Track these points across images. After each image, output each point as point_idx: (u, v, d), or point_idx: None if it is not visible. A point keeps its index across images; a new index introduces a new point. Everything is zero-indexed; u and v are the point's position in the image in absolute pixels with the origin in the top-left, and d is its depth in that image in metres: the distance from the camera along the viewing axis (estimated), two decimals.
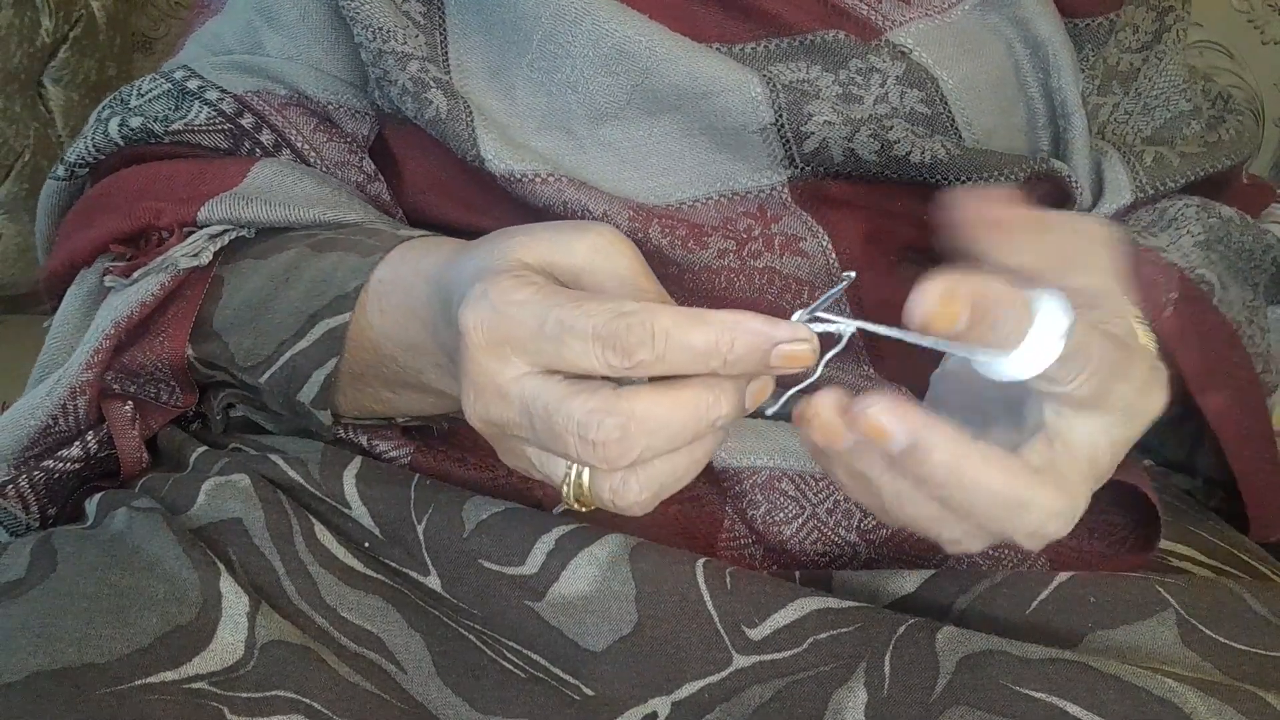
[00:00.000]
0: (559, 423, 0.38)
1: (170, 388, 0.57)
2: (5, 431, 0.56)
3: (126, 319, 0.54)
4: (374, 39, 0.55)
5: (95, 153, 0.60)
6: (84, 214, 0.60)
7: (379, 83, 0.57)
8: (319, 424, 0.54)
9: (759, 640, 0.46)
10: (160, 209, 0.56)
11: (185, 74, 0.60)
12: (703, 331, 0.37)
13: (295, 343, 0.52)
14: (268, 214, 0.55)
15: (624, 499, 0.39)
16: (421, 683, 0.46)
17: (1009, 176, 0.55)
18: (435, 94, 0.55)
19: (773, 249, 0.56)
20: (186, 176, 0.57)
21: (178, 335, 0.55)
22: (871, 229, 0.57)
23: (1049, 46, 0.58)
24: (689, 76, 0.54)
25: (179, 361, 0.55)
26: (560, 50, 0.55)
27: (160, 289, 0.55)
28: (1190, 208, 0.61)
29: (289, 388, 0.53)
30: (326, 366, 0.51)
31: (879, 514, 0.41)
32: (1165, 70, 0.66)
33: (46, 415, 0.55)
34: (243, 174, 0.56)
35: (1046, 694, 0.42)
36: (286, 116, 0.59)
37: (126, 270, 0.56)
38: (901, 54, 0.56)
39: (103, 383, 0.56)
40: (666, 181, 0.56)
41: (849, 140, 0.54)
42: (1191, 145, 0.65)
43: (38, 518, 0.57)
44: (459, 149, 0.55)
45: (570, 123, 0.56)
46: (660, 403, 0.37)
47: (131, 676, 0.42)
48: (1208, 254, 0.58)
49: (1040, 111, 0.60)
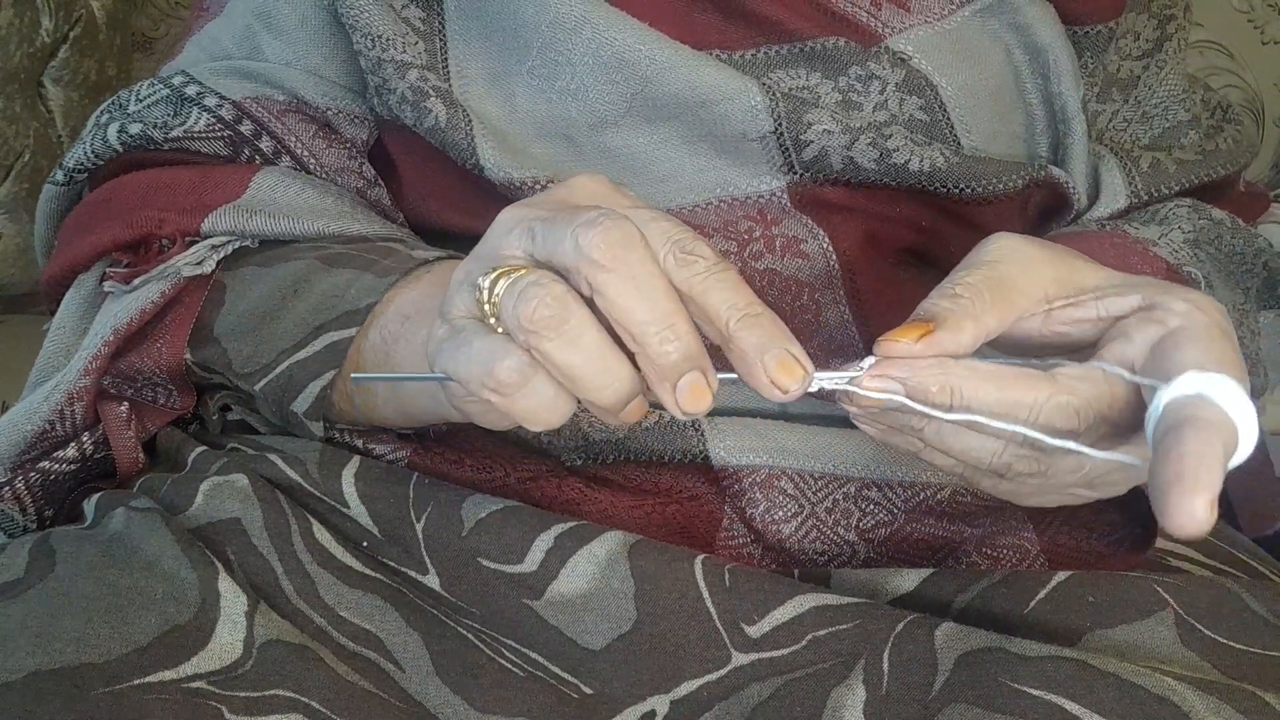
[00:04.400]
0: (588, 210, 0.39)
1: (168, 391, 0.57)
2: (2, 435, 0.56)
3: (126, 326, 0.54)
4: (373, 47, 0.55)
5: (94, 159, 0.60)
6: (84, 220, 0.60)
7: (378, 90, 0.57)
8: (310, 435, 0.54)
9: (758, 638, 0.46)
10: (163, 219, 0.56)
11: (184, 80, 0.60)
12: (751, 293, 0.39)
13: (295, 352, 0.52)
14: (272, 227, 0.55)
15: (535, 294, 0.38)
16: (420, 681, 0.46)
17: (1007, 183, 0.55)
18: (434, 103, 0.55)
19: (774, 251, 0.56)
20: (188, 186, 0.57)
21: (176, 341, 0.55)
22: (871, 232, 0.57)
23: (1049, 53, 0.58)
24: (688, 85, 0.54)
25: (177, 367, 0.55)
26: (560, 58, 0.55)
27: (161, 296, 0.55)
28: (1182, 208, 0.62)
29: (284, 396, 0.53)
30: (323, 378, 0.51)
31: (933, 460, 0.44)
32: (1165, 79, 0.66)
33: (43, 420, 0.55)
34: (244, 184, 0.56)
35: (1045, 691, 0.42)
36: (285, 123, 0.59)
37: (127, 277, 0.56)
38: (901, 61, 0.56)
39: (100, 387, 0.56)
40: (667, 187, 0.56)
41: (848, 149, 0.54)
42: (1189, 153, 0.65)
43: (35, 519, 0.57)
44: (458, 157, 0.55)
45: (570, 130, 0.56)
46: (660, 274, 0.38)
47: (130, 676, 0.42)
48: (1196, 252, 0.59)
49: (1039, 118, 0.60)
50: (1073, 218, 0.62)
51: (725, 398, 0.55)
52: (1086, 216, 0.62)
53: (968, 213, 0.56)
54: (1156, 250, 0.57)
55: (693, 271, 0.38)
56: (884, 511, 0.54)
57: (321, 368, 0.51)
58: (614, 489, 0.54)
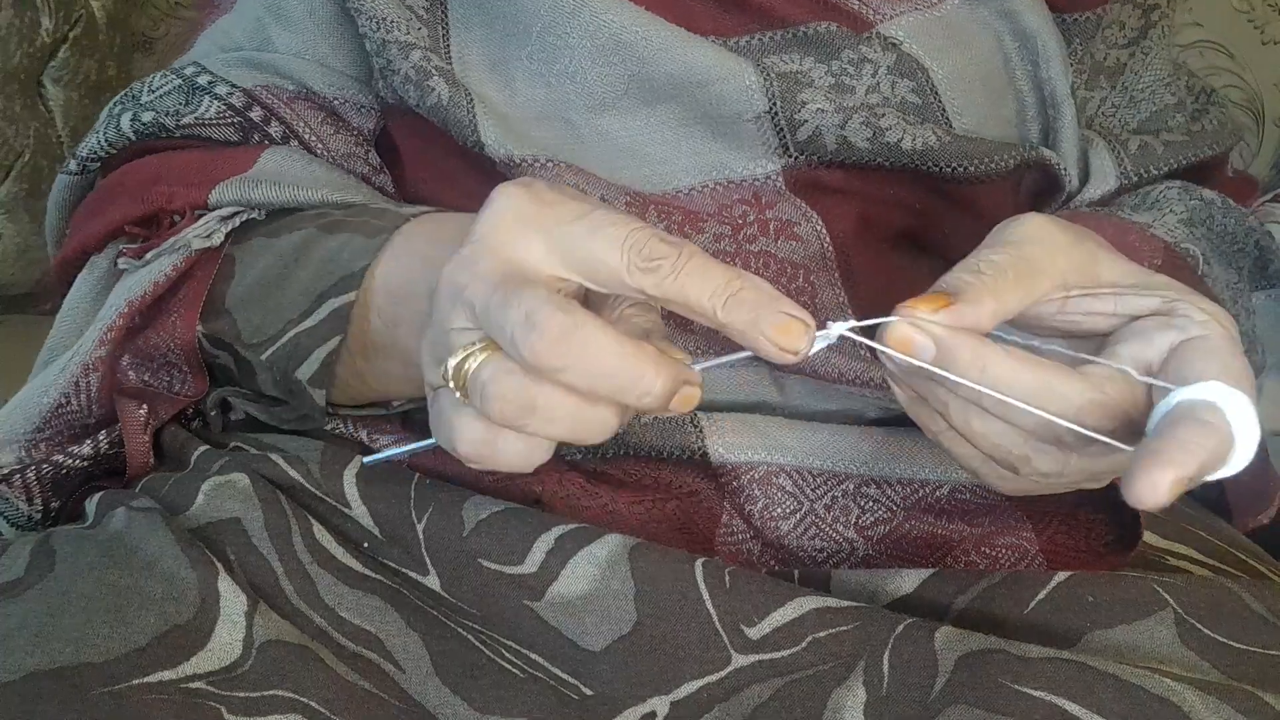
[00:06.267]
0: (517, 298, 0.38)
1: (183, 374, 0.58)
2: (17, 410, 0.56)
3: (140, 298, 0.55)
4: (378, 29, 0.57)
5: (108, 147, 0.61)
6: (96, 203, 0.61)
7: (382, 72, 0.58)
8: (312, 405, 0.54)
9: (758, 639, 0.46)
10: (172, 193, 0.57)
11: (195, 70, 0.61)
12: (722, 268, 0.38)
13: (301, 321, 0.53)
14: (277, 195, 0.57)
15: (494, 394, 0.38)
16: (420, 682, 0.46)
17: (999, 163, 0.56)
18: (437, 81, 0.56)
19: (768, 233, 0.56)
20: (198, 164, 0.58)
21: (189, 314, 0.56)
22: (865, 214, 0.57)
23: (1038, 38, 0.59)
24: (684, 65, 0.55)
25: (190, 342, 0.56)
26: (559, 41, 0.56)
27: (173, 269, 0.56)
28: (1173, 189, 0.62)
29: (289, 365, 0.53)
30: (329, 344, 0.52)
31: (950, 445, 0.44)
32: (1151, 65, 0.67)
33: (59, 393, 0.56)
34: (252, 160, 0.58)
35: (1045, 692, 0.42)
36: (294, 110, 0.61)
37: (139, 252, 0.57)
38: (892, 45, 0.57)
39: (119, 371, 0.56)
40: (663, 170, 0.57)
41: (841, 127, 0.55)
42: (1175, 135, 0.66)
43: (40, 510, 0.57)
44: (460, 135, 0.56)
45: (568, 112, 0.57)
46: (609, 339, 0.38)
47: (129, 676, 0.42)
48: (1191, 230, 0.59)
49: (1030, 103, 0.61)
50: (1064, 199, 0.63)
51: (725, 391, 0.56)
52: (1077, 199, 0.63)
53: (960, 194, 0.57)
54: (1153, 231, 0.58)
55: (660, 276, 0.38)
56: (883, 509, 0.54)
57: (327, 334, 0.52)
58: (614, 485, 0.54)
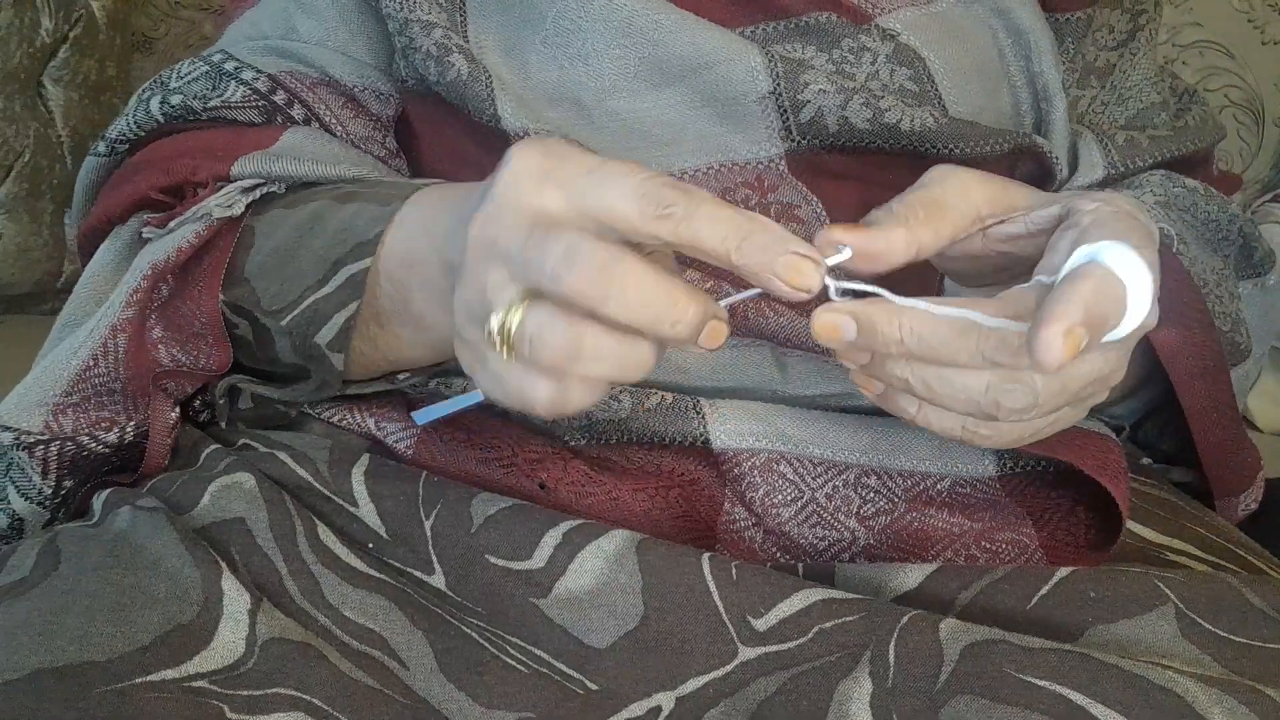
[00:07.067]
0: (555, 236, 0.39)
1: (209, 345, 0.59)
2: (46, 374, 0.57)
3: (165, 261, 0.57)
4: (400, 9, 0.59)
5: (136, 129, 0.64)
6: (122, 177, 0.64)
7: (404, 51, 0.61)
8: (330, 370, 0.55)
9: (764, 631, 0.46)
10: (196, 165, 0.60)
11: (222, 57, 0.64)
12: (732, 211, 0.39)
13: (319, 289, 0.54)
14: (296, 169, 0.59)
15: (542, 342, 0.39)
16: (424, 679, 0.46)
17: (994, 147, 0.58)
18: (457, 58, 0.58)
19: (769, 216, 0.57)
20: (223, 139, 0.61)
21: (213, 281, 0.58)
22: (865, 198, 0.58)
23: (1030, 35, 0.62)
24: (693, 47, 0.57)
25: (214, 310, 0.58)
26: (572, 25, 0.58)
27: (196, 237, 0.57)
28: (1155, 175, 0.65)
29: (309, 330, 0.55)
30: (348, 309, 0.53)
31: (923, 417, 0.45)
32: (1138, 65, 0.70)
33: (89, 353, 0.56)
34: (275, 138, 0.61)
35: (1050, 682, 0.42)
36: (317, 94, 0.64)
37: (163, 221, 0.59)
38: (890, 36, 0.60)
39: (151, 345, 0.57)
40: (670, 151, 0.59)
41: (843, 108, 0.57)
42: (1161, 130, 0.69)
43: (52, 486, 0.58)
44: (477, 109, 0.58)
45: (580, 94, 0.58)
46: (648, 269, 0.38)
47: (132, 674, 0.42)
48: (1167, 212, 0.62)
49: (1024, 97, 0.63)
50: (1055, 188, 0.64)
51: (729, 373, 0.57)
52: (1065, 188, 0.65)
53: None
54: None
55: (674, 222, 0.39)
56: (884, 499, 0.54)
57: (345, 299, 0.53)
58: (618, 472, 0.55)
